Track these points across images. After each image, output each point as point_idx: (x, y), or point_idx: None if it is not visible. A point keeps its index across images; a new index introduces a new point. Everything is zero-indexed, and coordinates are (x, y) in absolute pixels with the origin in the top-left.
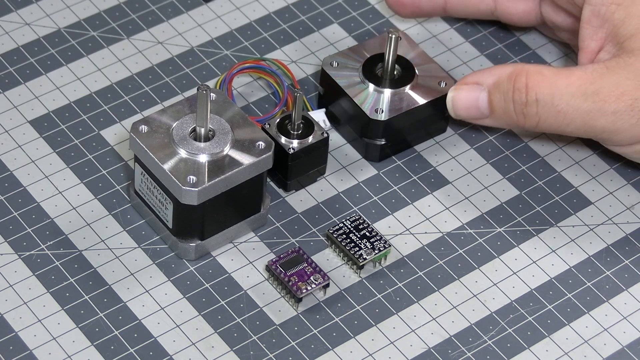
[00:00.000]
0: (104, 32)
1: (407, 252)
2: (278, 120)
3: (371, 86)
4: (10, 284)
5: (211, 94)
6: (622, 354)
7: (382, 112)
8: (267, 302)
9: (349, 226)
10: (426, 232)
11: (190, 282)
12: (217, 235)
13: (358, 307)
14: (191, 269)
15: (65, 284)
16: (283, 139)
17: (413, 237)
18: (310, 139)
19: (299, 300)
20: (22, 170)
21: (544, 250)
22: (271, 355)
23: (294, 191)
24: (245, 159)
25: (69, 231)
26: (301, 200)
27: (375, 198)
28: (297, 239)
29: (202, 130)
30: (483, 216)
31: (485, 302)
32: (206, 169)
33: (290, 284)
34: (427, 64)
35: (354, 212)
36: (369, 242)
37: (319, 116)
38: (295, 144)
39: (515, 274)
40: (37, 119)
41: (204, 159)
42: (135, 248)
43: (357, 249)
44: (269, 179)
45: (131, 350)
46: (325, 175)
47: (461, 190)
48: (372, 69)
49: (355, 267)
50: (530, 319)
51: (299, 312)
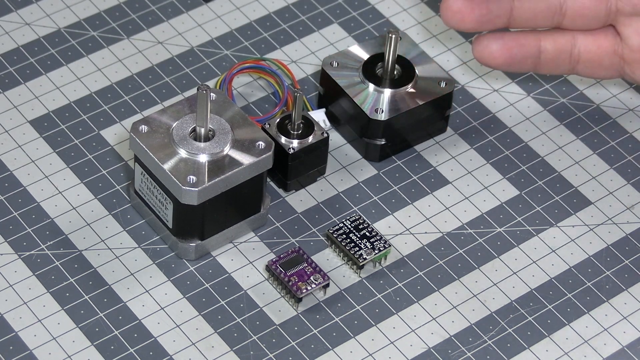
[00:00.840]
0: (104, 32)
1: (407, 252)
2: (278, 120)
3: (371, 86)
4: (10, 284)
5: (211, 94)
6: (622, 354)
7: (382, 112)
8: (267, 302)
9: (349, 226)
10: (426, 232)
11: (190, 282)
12: (217, 235)
13: (358, 307)
14: (191, 269)
15: (65, 284)
16: (283, 139)
17: (413, 237)
18: (310, 139)
19: (299, 300)
20: (22, 170)
21: (544, 250)
22: (271, 355)
23: (294, 191)
24: (245, 159)
25: (69, 231)
26: (301, 200)
27: (375, 198)
28: (297, 239)
29: (202, 130)
30: (483, 216)
31: (485, 302)
32: (206, 169)
33: (290, 284)
34: (427, 64)
35: (354, 212)
36: (369, 242)
37: (319, 116)
38: (295, 144)
39: (515, 274)
40: (37, 119)
41: (204, 159)
42: (135, 248)
43: (357, 249)
44: (269, 179)
45: (131, 350)
46: (325, 175)
47: (461, 190)
48: (372, 69)
49: (355, 267)
50: (530, 319)
51: (299, 312)
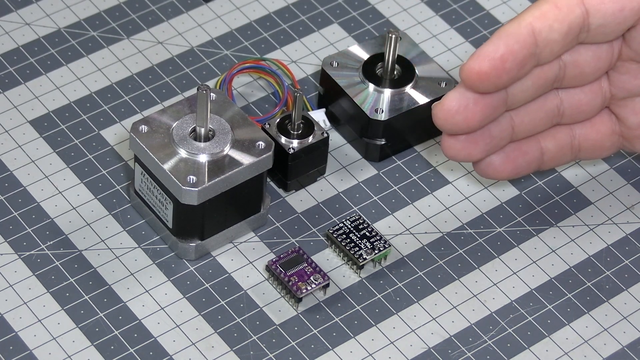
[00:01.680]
0: (104, 32)
1: (407, 252)
2: (278, 120)
3: (371, 86)
4: (10, 284)
5: (211, 94)
6: (622, 354)
7: (382, 112)
8: (267, 302)
9: (349, 226)
10: (426, 232)
11: (190, 282)
12: (217, 235)
13: (358, 307)
14: (191, 269)
15: (65, 284)
16: (283, 139)
17: (413, 237)
18: (310, 139)
19: (299, 300)
20: (22, 170)
21: (544, 250)
22: (271, 355)
23: (294, 191)
24: (245, 159)
25: (69, 231)
26: (301, 200)
27: (375, 198)
28: (297, 239)
29: (202, 130)
30: (483, 216)
31: (485, 302)
32: (206, 169)
33: (290, 284)
34: (427, 64)
35: (354, 212)
36: (369, 242)
37: (319, 116)
38: (295, 144)
39: (515, 274)
40: (37, 119)
41: (204, 159)
42: (135, 248)
43: (357, 249)
44: (269, 179)
45: (131, 350)
46: (325, 175)
47: (461, 190)
48: (372, 69)
49: (355, 267)
50: (530, 319)
51: (299, 312)
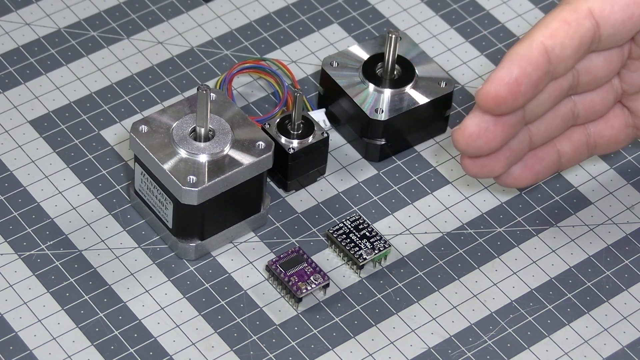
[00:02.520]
0: (104, 32)
1: (407, 252)
2: (278, 120)
3: (371, 86)
4: (10, 284)
5: (211, 94)
6: (622, 354)
7: (382, 112)
8: (267, 302)
9: (349, 226)
10: (426, 232)
11: (190, 282)
12: (217, 235)
13: (358, 307)
14: (191, 269)
15: (65, 284)
16: (283, 139)
17: (413, 237)
18: (310, 139)
19: (299, 300)
20: (22, 170)
21: (544, 250)
22: (271, 355)
23: (294, 191)
24: (245, 159)
25: (69, 231)
26: (301, 200)
27: (375, 198)
28: (297, 239)
29: (202, 130)
30: (483, 216)
31: (485, 302)
32: (206, 169)
33: (290, 284)
34: (427, 64)
35: (354, 212)
36: (369, 242)
37: (319, 116)
38: (295, 144)
39: (515, 274)
40: (37, 119)
41: (204, 159)
42: (135, 248)
43: (357, 249)
44: (269, 179)
45: (131, 350)
46: (325, 175)
47: (461, 190)
48: (372, 69)
49: (355, 267)
50: (530, 319)
51: (299, 312)
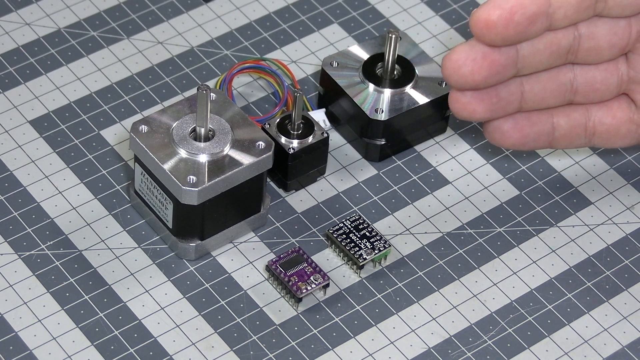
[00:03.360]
0: (104, 32)
1: (407, 252)
2: (278, 120)
3: (371, 86)
4: (10, 284)
5: (211, 94)
6: (622, 354)
7: (382, 112)
8: (267, 302)
9: (349, 226)
10: (426, 232)
11: (190, 282)
12: (217, 235)
13: (358, 307)
14: (191, 269)
15: (65, 284)
16: (283, 139)
17: (413, 237)
18: (310, 139)
19: (299, 300)
20: (22, 170)
21: (544, 250)
22: (271, 355)
23: (294, 191)
24: (245, 159)
25: (69, 231)
26: (301, 200)
27: (375, 198)
28: (297, 239)
29: (202, 130)
30: (483, 216)
31: (485, 302)
32: (206, 169)
33: (290, 284)
34: (427, 64)
35: (354, 212)
36: (369, 242)
37: (319, 116)
38: (295, 144)
39: (515, 274)
40: (37, 119)
41: (204, 159)
42: (135, 248)
43: (357, 249)
44: (269, 179)
45: (131, 350)
46: (325, 175)
47: (461, 190)
48: (372, 69)
49: (355, 267)
50: (530, 319)
51: (299, 312)
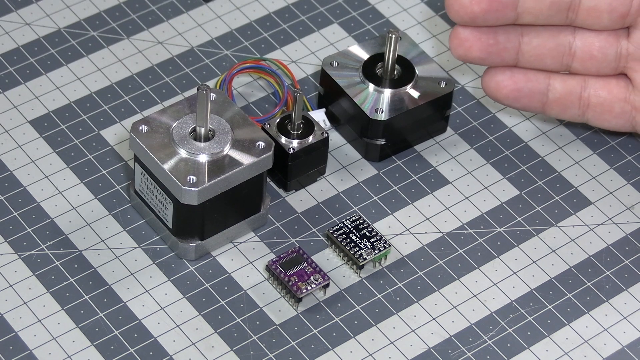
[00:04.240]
0: (104, 32)
1: (407, 252)
2: (278, 120)
3: (371, 86)
4: (10, 284)
5: (211, 94)
6: (622, 354)
7: (382, 112)
8: (267, 302)
9: (349, 226)
10: (426, 232)
11: (190, 282)
12: (217, 235)
13: (358, 307)
14: (191, 269)
15: (65, 284)
16: (283, 139)
17: (413, 237)
18: (310, 139)
19: (299, 300)
20: (22, 170)
21: (544, 250)
22: (271, 355)
23: (294, 191)
24: (245, 159)
25: (69, 231)
26: (301, 200)
27: (375, 198)
28: (297, 239)
29: (202, 130)
30: (483, 216)
31: (485, 302)
32: (206, 169)
33: (290, 284)
34: (427, 64)
35: (354, 212)
36: (369, 242)
37: (319, 116)
38: (295, 144)
39: (515, 274)
40: (37, 119)
41: (204, 158)
42: (135, 248)
43: (357, 249)
44: (269, 179)
45: (131, 350)
46: (325, 175)
47: (461, 190)
48: (372, 69)
49: (355, 267)
50: (530, 319)
51: (299, 312)
